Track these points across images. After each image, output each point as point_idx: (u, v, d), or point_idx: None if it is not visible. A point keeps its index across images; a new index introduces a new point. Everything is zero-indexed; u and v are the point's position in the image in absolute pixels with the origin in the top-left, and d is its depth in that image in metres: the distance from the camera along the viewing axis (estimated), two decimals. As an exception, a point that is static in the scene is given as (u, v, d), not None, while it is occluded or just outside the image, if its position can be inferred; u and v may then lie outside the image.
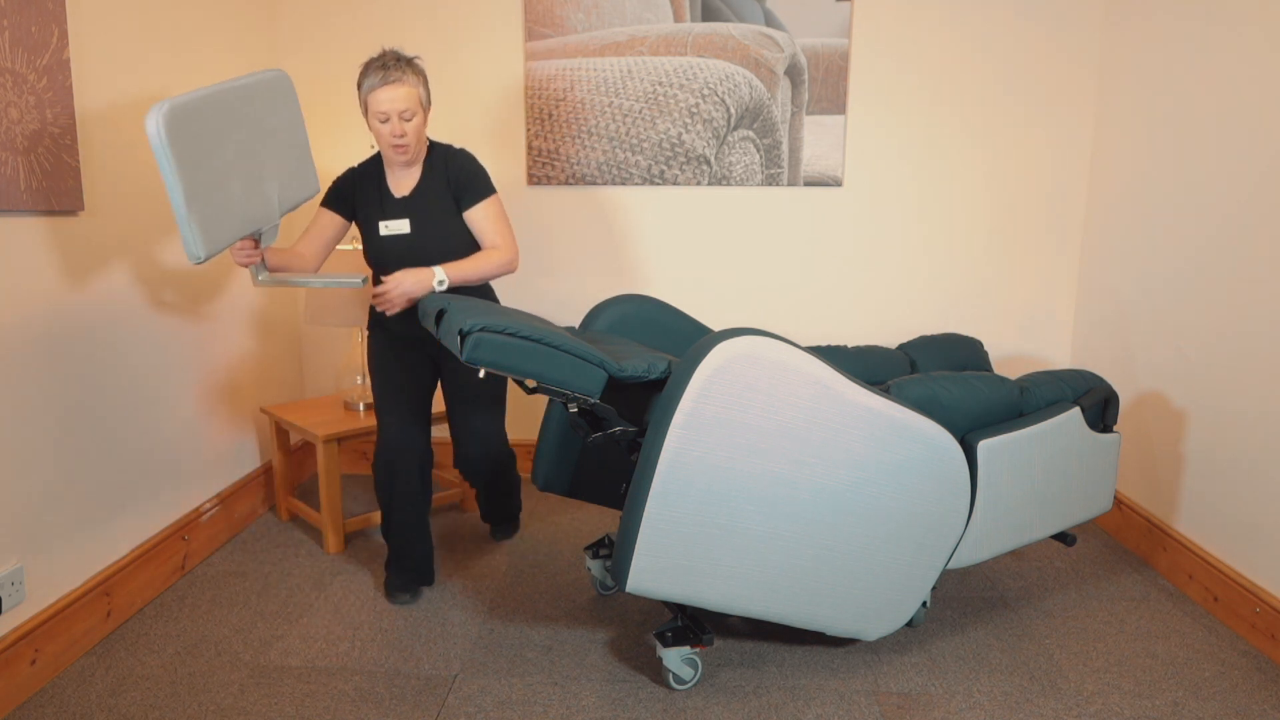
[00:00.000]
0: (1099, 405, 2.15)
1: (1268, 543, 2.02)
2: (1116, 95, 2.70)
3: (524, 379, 2.04)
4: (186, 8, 2.37)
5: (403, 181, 2.20)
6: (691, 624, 1.88)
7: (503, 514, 2.56)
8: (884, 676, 1.89)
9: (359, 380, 2.86)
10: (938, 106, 2.86)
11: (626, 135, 2.90)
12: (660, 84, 2.86)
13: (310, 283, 2.09)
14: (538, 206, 2.99)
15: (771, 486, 1.68)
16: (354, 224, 2.37)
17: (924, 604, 2.07)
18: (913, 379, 1.93)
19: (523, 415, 3.17)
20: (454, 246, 2.18)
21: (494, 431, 2.30)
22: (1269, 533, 2.02)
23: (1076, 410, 2.05)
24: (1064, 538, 2.18)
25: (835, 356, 2.38)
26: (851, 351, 2.39)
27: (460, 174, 2.17)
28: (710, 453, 1.62)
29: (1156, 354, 2.47)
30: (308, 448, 3.13)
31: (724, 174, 2.92)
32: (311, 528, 2.69)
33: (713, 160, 2.91)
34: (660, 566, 1.65)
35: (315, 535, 2.63)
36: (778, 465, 1.67)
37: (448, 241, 2.17)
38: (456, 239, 2.18)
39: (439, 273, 2.07)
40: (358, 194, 2.22)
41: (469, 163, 2.19)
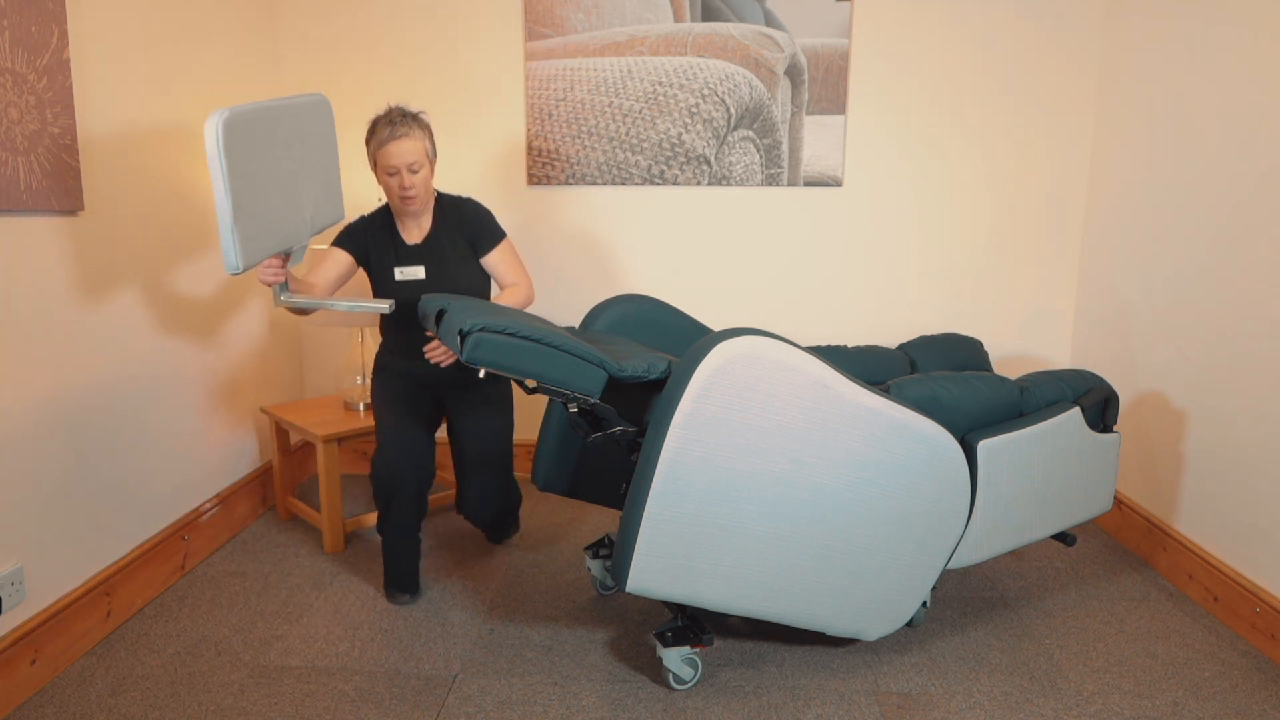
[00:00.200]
0: (1099, 405, 2.16)
1: (1268, 543, 2.02)
2: (1116, 95, 2.70)
3: (524, 379, 2.04)
4: (186, 8, 2.37)
5: (414, 230, 2.30)
6: (691, 624, 1.88)
7: (502, 535, 2.56)
8: (884, 676, 1.89)
9: (359, 380, 2.86)
10: (938, 106, 2.86)
11: (626, 135, 2.90)
12: (660, 84, 2.86)
13: (336, 306, 2.04)
14: (538, 206, 2.99)
15: (771, 486, 1.68)
16: (360, 269, 2.43)
17: (924, 604, 2.07)
18: (913, 379, 1.93)
19: (523, 415, 3.17)
20: (467, 289, 2.30)
21: (503, 489, 2.32)
22: (1269, 533, 2.02)
23: (1076, 410, 2.05)
24: (1064, 538, 2.18)
25: (835, 356, 2.38)
26: (851, 351, 2.39)
27: (474, 221, 2.30)
28: (710, 452, 1.62)
29: (1156, 354, 2.47)
30: (308, 448, 3.13)
31: (724, 174, 2.92)
32: (311, 528, 2.69)
33: (713, 160, 2.91)
34: (660, 566, 1.65)
35: (315, 535, 2.63)
36: (778, 465, 1.67)
37: (460, 284, 2.28)
38: (468, 281, 2.30)
39: None
40: (370, 240, 2.30)
41: (479, 210, 2.32)
